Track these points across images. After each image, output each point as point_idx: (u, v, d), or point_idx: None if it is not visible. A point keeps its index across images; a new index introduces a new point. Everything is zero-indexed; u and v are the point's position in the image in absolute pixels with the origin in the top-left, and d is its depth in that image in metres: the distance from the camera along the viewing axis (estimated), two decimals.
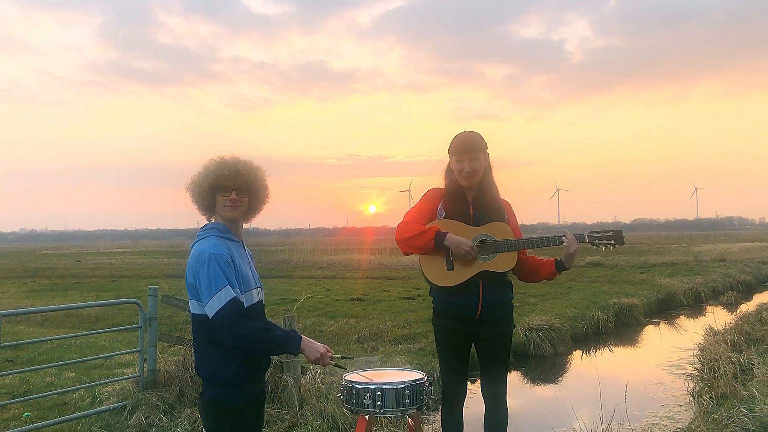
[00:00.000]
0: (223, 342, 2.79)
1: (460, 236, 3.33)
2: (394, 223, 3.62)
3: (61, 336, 9.59)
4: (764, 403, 6.80)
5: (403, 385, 2.98)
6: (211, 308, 2.75)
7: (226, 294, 2.74)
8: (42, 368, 8.20)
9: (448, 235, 3.33)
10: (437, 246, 3.33)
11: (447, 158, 3.49)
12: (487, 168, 3.50)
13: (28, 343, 9.66)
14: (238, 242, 3.02)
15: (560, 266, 3.47)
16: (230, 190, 2.91)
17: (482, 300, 3.35)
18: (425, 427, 6.93)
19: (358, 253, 43.74)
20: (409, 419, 3.21)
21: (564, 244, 3.42)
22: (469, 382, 3.63)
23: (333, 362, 2.98)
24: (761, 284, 26.94)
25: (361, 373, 3.21)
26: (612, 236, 3.51)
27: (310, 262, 37.84)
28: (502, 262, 3.38)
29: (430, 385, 3.10)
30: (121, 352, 8.76)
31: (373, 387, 2.99)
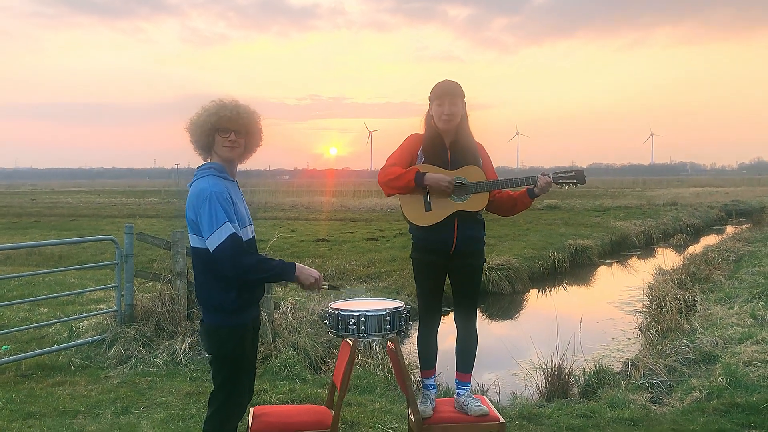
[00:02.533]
0: (224, 273, 3.02)
1: (438, 173, 3.61)
2: (355, 166, 3.87)
3: (34, 272, 9.66)
4: (704, 335, 7.38)
5: (384, 312, 3.27)
6: (212, 243, 2.96)
7: (226, 229, 2.95)
8: (15, 303, 8.31)
9: (426, 174, 3.60)
10: (418, 185, 3.60)
11: (408, 100, 3.80)
12: (464, 116, 3.75)
13: (2, 279, 9.71)
14: (233, 181, 3.21)
15: (532, 194, 3.75)
16: (230, 131, 3.09)
17: (457, 236, 3.65)
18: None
19: (320, 195, 43.84)
20: (390, 343, 3.51)
21: (540, 185, 3.69)
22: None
23: (326, 285, 3.25)
24: (709, 227, 28.11)
25: (345, 302, 3.49)
26: (575, 176, 3.80)
27: (272, 204, 37.82)
28: (474, 202, 3.68)
29: (408, 312, 3.41)
30: (98, 287, 8.89)
31: (357, 313, 3.27)
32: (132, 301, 6.99)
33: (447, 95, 3.65)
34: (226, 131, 3.08)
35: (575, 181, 3.78)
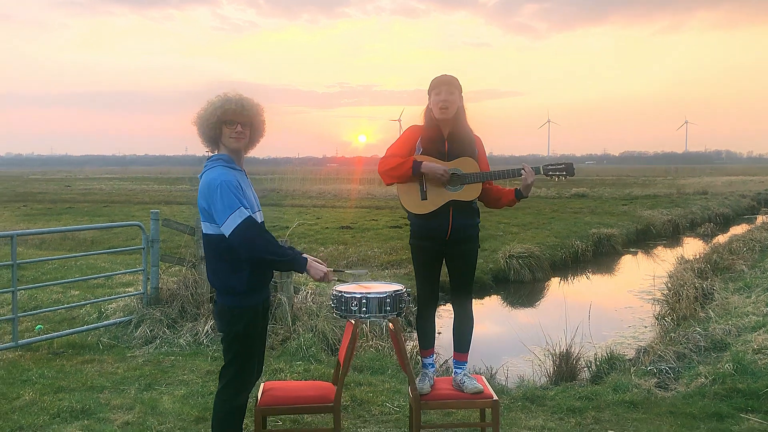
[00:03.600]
0: (239, 256, 3.23)
1: (434, 163, 3.78)
2: (384, 154, 4.08)
3: (67, 256, 10.08)
4: (718, 323, 7.43)
5: (384, 295, 3.47)
6: (228, 227, 3.18)
7: (241, 214, 3.18)
8: (48, 285, 8.69)
9: (423, 163, 3.77)
10: (415, 173, 3.78)
11: None
12: (461, 108, 3.89)
13: (37, 261, 10.14)
14: (241, 171, 3.43)
15: (519, 195, 3.94)
16: (236, 123, 3.31)
17: (452, 224, 3.84)
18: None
19: (347, 183, 44.14)
20: (390, 324, 3.71)
21: (522, 176, 3.85)
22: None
23: (336, 278, 3.48)
24: (739, 217, 27.71)
25: (350, 285, 3.69)
26: (564, 168, 3.92)
27: (300, 191, 38.21)
28: (468, 193, 3.85)
29: (409, 296, 3.60)
30: (125, 271, 9.24)
31: (359, 296, 3.47)
32: (158, 284, 7.29)
33: (443, 84, 3.81)
34: (232, 123, 3.29)
35: (564, 173, 3.90)
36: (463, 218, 3.86)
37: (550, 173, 3.91)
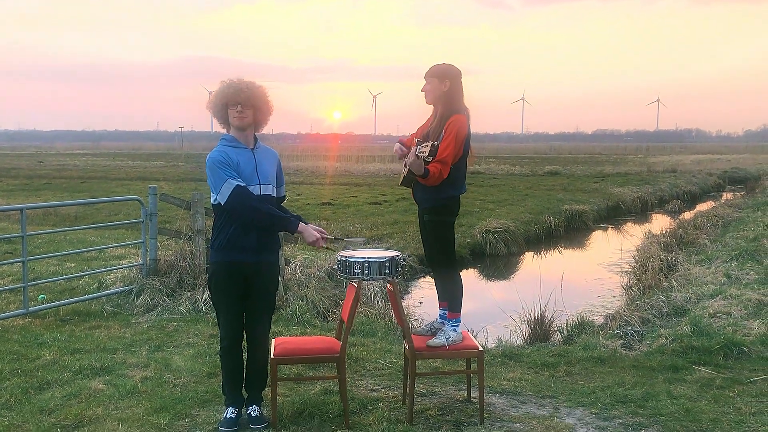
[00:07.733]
0: (239, 220, 3.75)
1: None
2: (359, 131, 4.42)
3: (62, 230, 10.50)
4: (679, 292, 8.05)
5: (384, 259, 3.93)
6: (223, 197, 3.75)
7: (230, 184, 3.73)
8: (46, 257, 9.03)
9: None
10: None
11: (411, 64, 4.42)
12: (445, 93, 4.16)
13: (45, 233, 10.42)
14: (245, 148, 3.88)
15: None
16: (236, 104, 3.82)
17: (413, 195, 4.39)
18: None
19: (324, 160, 44.39)
20: (389, 285, 4.18)
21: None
22: None
23: (326, 246, 3.96)
24: (705, 194, 28.67)
25: (353, 251, 4.14)
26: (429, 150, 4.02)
27: None
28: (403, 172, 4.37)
29: (404, 261, 4.07)
30: (122, 244, 9.61)
31: (362, 260, 3.93)
32: (156, 256, 7.67)
33: (426, 76, 4.23)
34: (234, 105, 3.83)
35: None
36: (419, 191, 4.30)
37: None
